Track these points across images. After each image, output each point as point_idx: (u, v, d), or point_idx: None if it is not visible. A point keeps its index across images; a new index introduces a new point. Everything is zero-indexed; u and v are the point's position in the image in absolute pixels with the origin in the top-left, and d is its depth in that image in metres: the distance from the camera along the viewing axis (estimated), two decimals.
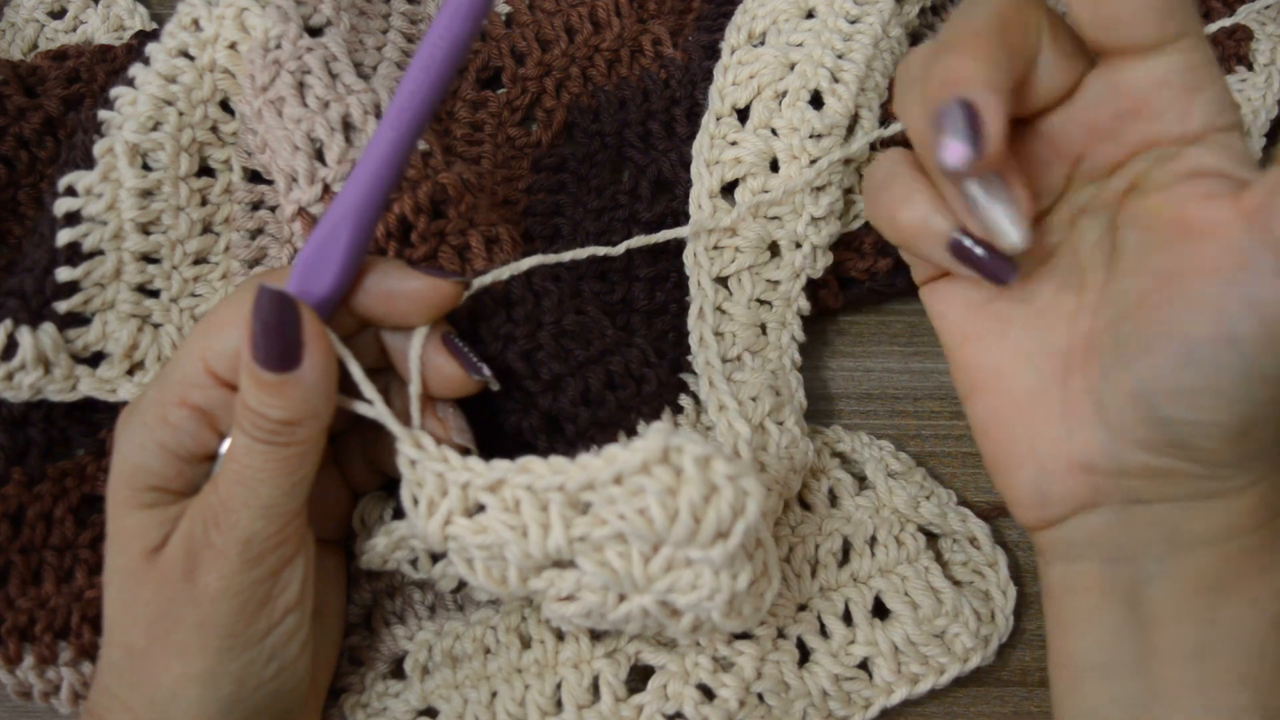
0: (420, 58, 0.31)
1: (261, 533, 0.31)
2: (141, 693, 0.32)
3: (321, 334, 0.31)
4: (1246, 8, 0.50)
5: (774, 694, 0.37)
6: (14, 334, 0.38)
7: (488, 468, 0.32)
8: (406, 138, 0.32)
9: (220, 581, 0.31)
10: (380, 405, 0.33)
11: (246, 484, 0.31)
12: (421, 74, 0.31)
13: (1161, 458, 0.28)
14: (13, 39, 0.50)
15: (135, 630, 0.32)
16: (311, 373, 0.31)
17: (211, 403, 0.32)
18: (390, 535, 0.34)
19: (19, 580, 0.39)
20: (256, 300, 0.30)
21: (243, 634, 0.32)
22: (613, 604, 0.32)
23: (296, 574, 0.32)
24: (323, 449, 0.32)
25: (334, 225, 0.32)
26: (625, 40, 0.49)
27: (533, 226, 0.45)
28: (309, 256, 0.32)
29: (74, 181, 0.40)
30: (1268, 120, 0.48)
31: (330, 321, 0.33)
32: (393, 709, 0.38)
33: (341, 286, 0.32)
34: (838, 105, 0.42)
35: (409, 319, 0.34)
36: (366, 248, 0.33)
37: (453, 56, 0.31)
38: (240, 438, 0.31)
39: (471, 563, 0.32)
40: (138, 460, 0.32)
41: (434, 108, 0.32)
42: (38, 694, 0.38)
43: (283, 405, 0.30)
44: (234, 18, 0.42)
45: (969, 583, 0.40)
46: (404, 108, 0.31)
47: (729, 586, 0.31)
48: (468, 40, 0.31)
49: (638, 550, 0.31)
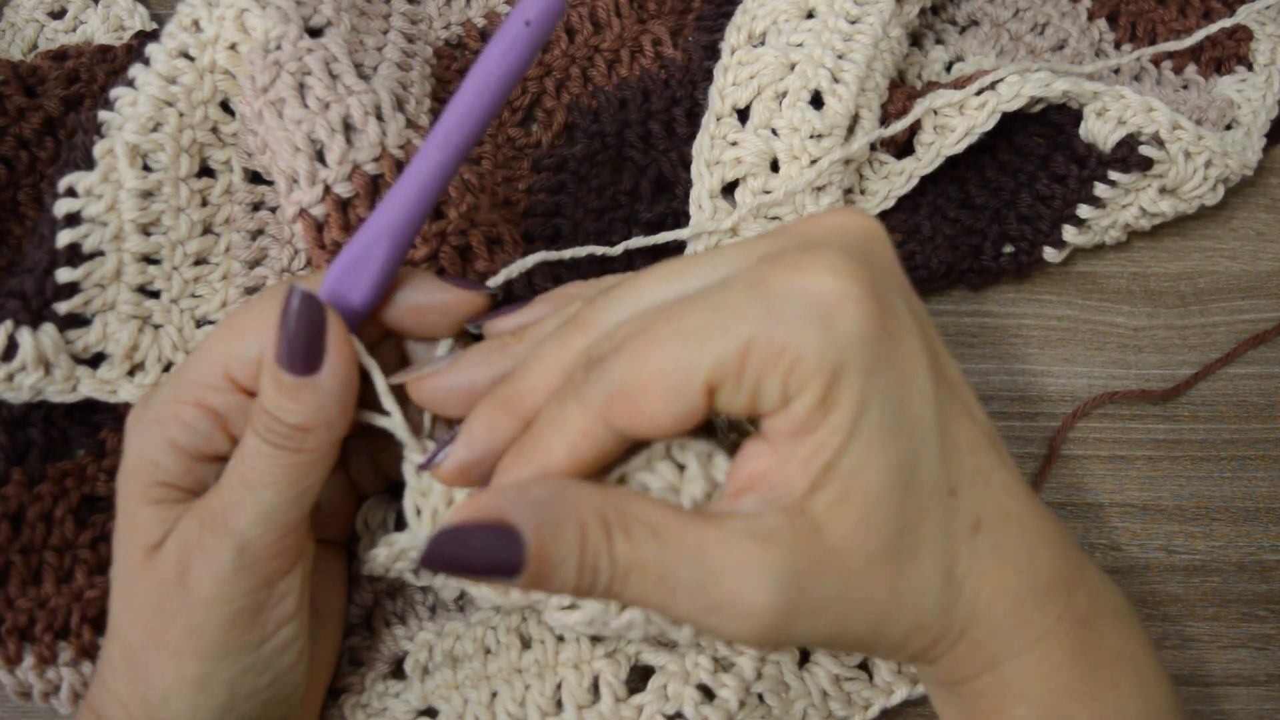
0: (473, 82, 0.31)
1: (258, 540, 0.31)
2: (136, 691, 0.32)
3: (345, 343, 0.31)
4: (1246, 8, 0.50)
5: (774, 694, 0.38)
6: (14, 335, 0.38)
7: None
8: (452, 161, 0.31)
9: (211, 587, 0.31)
10: (398, 418, 0.32)
11: (250, 487, 0.31)
12: (475, 99, 0.31)
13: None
14: (13, 39, 0.50)
15: (133, 628, 0.32)
16: (330, 380, 0.30)
17: (227, 407, 0.32)
18: (391, 547, 0.34)
19: (19, 580, 0.39)
20: (286, 299, 0.30)
21: (235, 642, 0.31)
22: (615, 612, 0.32)
23: (294, 587, 0.32)
24: (332, 463, 0.32)
25: (371, 241, 0.32)
26: (625, 40, 0.49)
27: (533, 227, 0.45)
28: (342, 267, 0.32)
29: (74, 182, 0.40)
30: (1268, 120, 0.48)
31: (357, 332, 0.32)
32: (393, 709, 0.38)
33: (374, 301, 0.32)
34: (838, 105, 0.42)
35: (437, 331, 0.34)
36: (400, 266, 0.33)
37: (506, 84, 0.31)
38: (251, 439, 0.31)
39: None
40: (148, 455, 0.32)
41: (482, 133, 0.31)
42: (38, 694, 0.38)
43: (298, 410, 0.30)
44: (234, 19, 0.42)
45: None
46: (453, 131, 0.31)
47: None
48: (523, 69, 0.31)
49: None
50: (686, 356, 0.27)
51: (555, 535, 0.27)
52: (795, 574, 0.27)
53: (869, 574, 0.28)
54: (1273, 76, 0.49)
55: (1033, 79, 0.43)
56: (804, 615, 0.28)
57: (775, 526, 0.27)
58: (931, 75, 0.49)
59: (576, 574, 0.27)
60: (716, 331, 0.27)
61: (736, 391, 0.27)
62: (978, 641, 0.30)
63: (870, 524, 0.28)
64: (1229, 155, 0.45)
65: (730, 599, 0.27)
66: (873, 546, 0.28)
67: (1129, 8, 0.52)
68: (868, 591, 0.28)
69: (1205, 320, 0.47)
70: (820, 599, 0.28)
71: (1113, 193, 0.44)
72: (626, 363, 0.27)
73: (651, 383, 0.27)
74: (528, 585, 0.27)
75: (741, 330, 0.26)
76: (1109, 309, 0.47)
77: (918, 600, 0.29)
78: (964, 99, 0.43)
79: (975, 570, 0.29)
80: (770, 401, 0.27)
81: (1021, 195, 0.46)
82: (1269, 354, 0.47)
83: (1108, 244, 0.47)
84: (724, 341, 0.26)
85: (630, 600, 0.28)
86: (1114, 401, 0.45)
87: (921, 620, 0.29)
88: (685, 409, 0.27)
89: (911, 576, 0.28)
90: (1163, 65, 0.51)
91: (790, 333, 0.26)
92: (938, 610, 0.29)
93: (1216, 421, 0.45)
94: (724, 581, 0.27)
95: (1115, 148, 0.44)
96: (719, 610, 0.27)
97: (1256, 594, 0.43)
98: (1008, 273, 0.46)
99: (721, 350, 0.26)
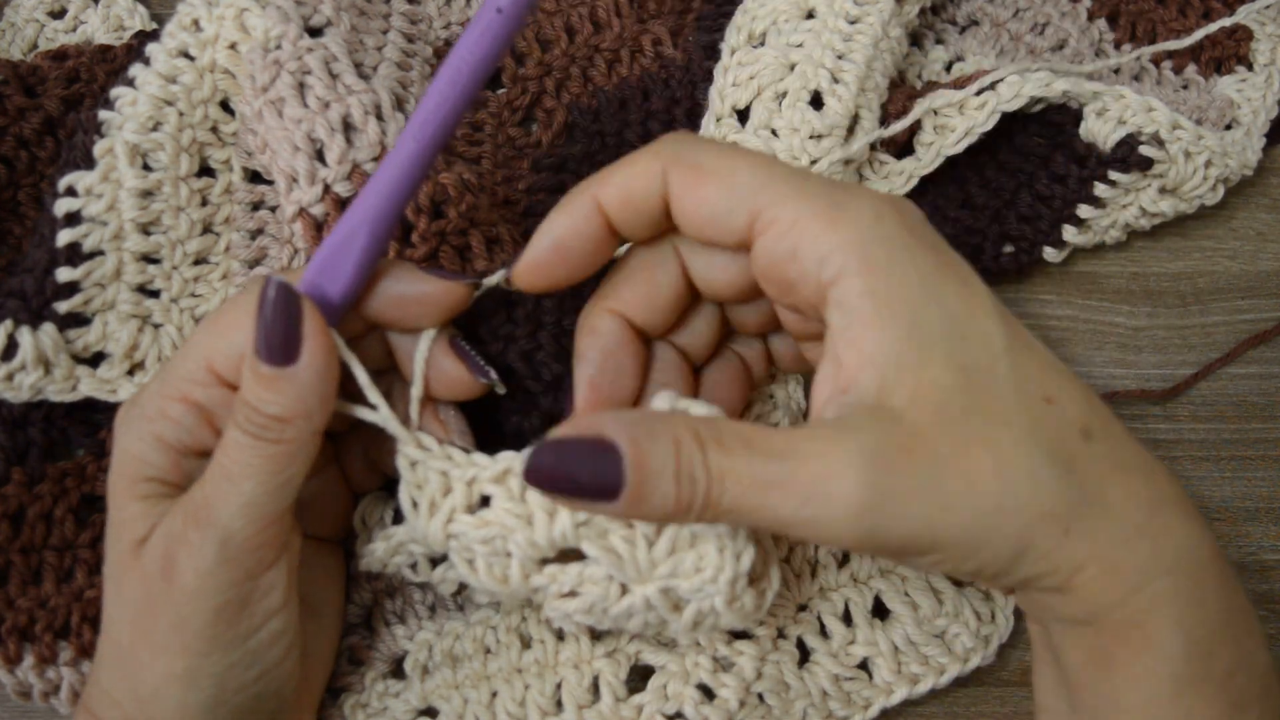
0: (447, 72, 0.31)
1: (240, 533, 0.31)
2: (128, 688, 0.32)
3: (322, 333, 0.31)
4: (1246, 8, 0.50)
5: (774, 694, 0.37)
6: (14, 334, 0.38)
7: (493, 460, 0.32)
8: (427, 151, 0.32)
9: (196, 580, 0.31)
10: (385, 410, 0.32)
11: (232, 479, 0.31)
12: (448, 88, 0.31)
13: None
14: (13, 39, 0.50)
15: (122, 624, 0.32)
16: (308, 371, 0.30)
17: (212, 401, 0.32)
18: (389, 540, 0.34)
19: (19, 580, 0.39)
20: (262, 290, 0.30)
21: (222, 636, 0.31)
22: (615, 597, 0.32)
23: (279, 580, 0.32)
24: (313, 454, 0.32)
25: (349, 232, 0.32)
26: (625, 40, 0.49)
27: (533, 226, 0.45)
28: (322, 260, 0.32)
29: (74, 182, 0.40)
30: (1267, 120, 0.48)
31: (338, 325, 0.32)
32: (393, 709, 0.38)
33: (353, 293, 0.32)
34: (838, 106, 0.42)
35: (419, 322, 0.34)
36: (379, 257, 0.33)
37: (480, 73, 0.31)
38: (232, 432, 0.31)
39: (473, 562, 0.32)
40: (135, 451, 0.32)
41: (457, 123, 0.32)
42: (38, 694, 0.38)
43: (276, 401, 0.30)
44: (234, 18, 0.42)
45: (969, 583, 0.40)
46: (427, 120, 0.31)
47: (732, 567, 0.31)
48: (497, 58, 0.31)
49: (641, 533, 0.31)
50: (752, 185, 0.30)
51: (651, 447, 0.28)
52: (881, 453, 0.27)
53: (963, 459, 0.27)
54: (1273, 76, 0.49)
55: (1033, 79, 0.43)
56: (896, 498, 0.27)
57: (857, 420, 0.28)
58: (931, 75, 0.49)
59: (674, 485, 0.27)
60: (781, 180, 0.29)
61: (779, 240, 0.29)
62: (1118, 543, 0.28)
63: (949, 415, 0.28)
64: (1229, 155, 0.45)
65: (820, 484, 0.27)
66: (958, 434, 0.27)
67: (1129, 8, 0.52)
68: (966, 477, 0.27)
69: (1205, 320, 0.47)
70: (912, 483, 0.27)
71: (1113, 193, 0.44)
72: (711, 153, 0.30)
73: (713, 180, 0.30)
74: (627, 507, 0.28)
75: (801, 189, 0.29)
76: (1109, 309, 0.47)
77: (1034, 488, 0.27)
78: (964, 99, 0.43)
79: (1097, 472, 0.28)
80: (809, 268, 0.29)
81: (1021, 195, 0.46)
82: (1269, 354, 0.47)
83: (1108, 244, 0.47)
84: (775, 190, 0.29)
85: (725, 510, 0.28)
86: (1114, 401, 0.45)
87: (1044, 507, 0.27)
88: (727, 208, 0.30)
89: (1019, 465, 0.28)
90: (1163, 65, 0.51)
91: (839, 210, 0.29)
92: (1062, 498, 0.28)
93: (1216, 421, 0.45)
94: (812, 467, 0.27)
95: (1115, 147, 0.44)
96: (810, 502, 0.27)
97: (1257, 594, 0.43)
98: (1008, 273, 0.46)
99: (773, 194, 0.29)
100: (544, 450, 0.28)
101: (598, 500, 0.28)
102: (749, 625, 0.34)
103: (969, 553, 0.28)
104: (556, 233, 0.32)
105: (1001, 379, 0.28)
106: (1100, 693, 0.29)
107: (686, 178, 0.30)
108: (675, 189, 0.30)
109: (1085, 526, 0.28)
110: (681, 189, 0.30)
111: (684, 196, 0.30)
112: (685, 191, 0.30)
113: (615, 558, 0.31)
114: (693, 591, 0.32)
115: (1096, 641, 0.29)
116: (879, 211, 0.29)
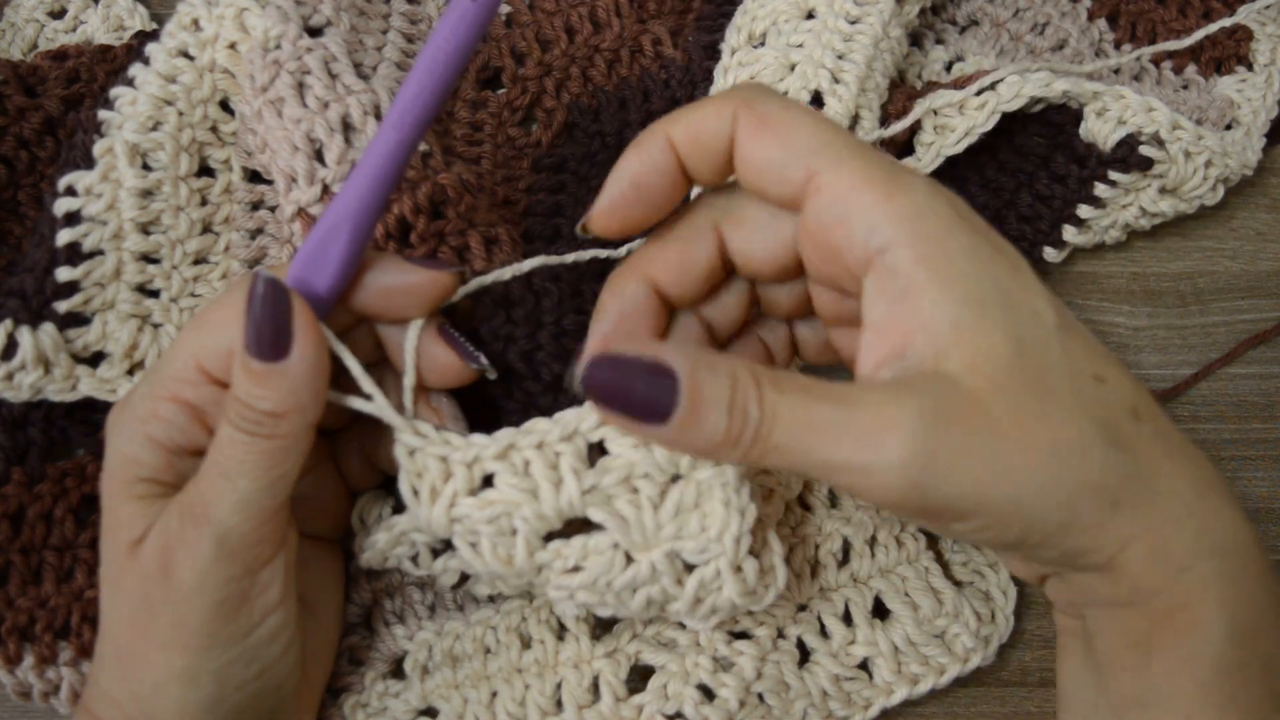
0: (424, 61, 0.31)
1: (237, 529, 0.31)
2: (127, 688, 0.32)
3: (312, 327, 0.31)
4: (1246, 8, 0.50)
5: (774, 694, 0.37)
6: (14, 334, 0.38)
7: (493, 439, 0.32)
8: (408, 141, 0.32)
9: (194, 578, 0.31)
10: (379, 399, 0.33)
11: (227, 476, 0.31)
12: (425, 77, 0.31)
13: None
14: (13, 39, 0.50)
15: (120, 624, 0.32)
16: (299, 365, 0.30)
17: (202, 399, 0.32)
18: (391, 530, 0.34)
19: (19, 580, 0.39)
20: (251, 286, 0.30)
21: (220, 633, 0.31)
22: (620, 567, 0.32)
23: (277, 576, 0.32)
24: (307, 448, 0.32)
25: (333, 226, 0.32)
26: (625, 40, 0.49)
27: (533, 226, 0.45)
28: (307, 254, 0.32)
29: (74, 181, 0.40)
30: (1267, 120, 0.48)
31: (327, 319, 0.33)
32: (393, 709, 0.38)
33: (340, 286, 0.32)
34: (838, 106, 0.42)
35: (407, 312, 0.34)
36: (365, 249, 0.33)
37: (456, 62, 0.31)
38: (225, 429, 0.31)
39: (478, 545, 0.32)
40: (128, 452, 0.32)
41: (436, 111, 0.32)
42: (38, 694, 0.38)
43: (269, 396, 0.30)
44: (234, 18, 0.42)
45: (969, 583, 0.40)
46: (406, 110, 0.31)
47: (737, 523, 0.31)
48: (471, 46, 0.31)
49: (647, 496, 0.31)
50: (813, 145, 0.30)
51: (708, 377, 0.28)
52: (939, 413, 0.27)
53: (1018, 428, 0.27)
54: (1273, 76, 0.49)
55: (1033, 79, 0.43)
56: (948, 457, 0.27)
57: (914, 378, 0.28)
58: (931, 75, 0.49)
59: (727, 416, 0.28)
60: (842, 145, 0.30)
61: (832, 205, 0.29)
62: (1168, 521, 0.28)
63: (1004, 383, 0.28)
64: (1229, 155, 0.45)
65: (874, 433, 0.27)
66: (1014, 403, 0.27)
67: (1129, 8, 0.52)
68: (1020, 445, 0.27)
69: (1205, 320, 0.47)
70: (966, 444, 0.27)
71: (1113, 193, 0.44)
72: (780, 106, 0.30)
73: (777, 131, 0.30)
74: (678, 432, 0.28)
75: (861, 156, 0.30)
76: (1109, 309, 0.47)
77: (1085, 461, 0.27)
78: (964, 99, 0.43)
79: (1148, 452, 0.28)
80: (858, 235, 0.29)
81: (1021, 195, 0.46)
82: (1269, 354, 0.47)
83: (1108, 244, 0.47)
84: (834, 153, 0.29)
85: (774, 446, 0.28)
86: None
87: (1093, 478, 0.27)
88: (785, 161, 0.30)
89: (1072, 438, 0.27)
90: (1163, 65, 0.51)
91: (894, 184, 0.29)
92: (1113, 472, 0.28)
93: (1216, 421, 0.45)
94: (869, 414, 0.27)
95: (1115, 148, 0.44)
96: (863, 449, 0.27)
97: None
98: None
99: (832, 157, 0.29)
100: (603, 362, 0.28)
101: (649, 421, 0.28)
102: (754, 606, 0.33)
103: (1013, 519, 0.28)
104: (633, 169, 0.32)
105: (1055, 354, 0.28)
106: (1138, 679, 0.29)
107: (753, 124, 0.30)
108: (741, 134, 0.31)
109: (1134, 502, 0.28)
110: (746, 134, 0.30)
111: (747, 142, 0.30)
112: (749, 138, 0.30)
113: (622, 521, 0.31)
114: (698, 553, 0.32)
115: (1138, 624, 0.29)
116: (932, 191, 0.29)
